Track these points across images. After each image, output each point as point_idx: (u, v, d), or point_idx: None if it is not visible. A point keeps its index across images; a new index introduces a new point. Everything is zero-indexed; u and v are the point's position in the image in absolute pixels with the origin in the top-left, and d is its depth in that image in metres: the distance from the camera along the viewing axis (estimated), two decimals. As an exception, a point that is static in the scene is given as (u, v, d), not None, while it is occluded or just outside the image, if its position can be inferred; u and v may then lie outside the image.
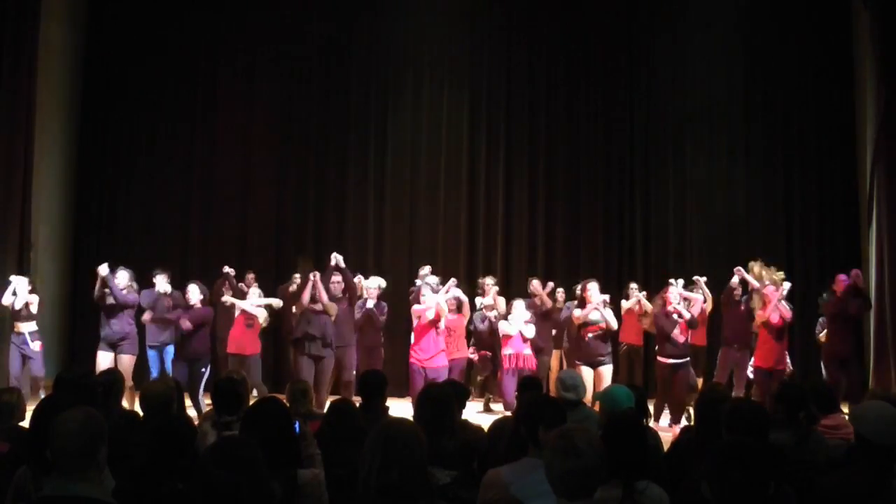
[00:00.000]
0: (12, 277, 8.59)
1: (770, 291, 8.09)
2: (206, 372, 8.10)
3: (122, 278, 8.29)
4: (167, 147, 11.28)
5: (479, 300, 9.21)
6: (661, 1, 11.31)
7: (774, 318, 8.02)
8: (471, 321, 8.89)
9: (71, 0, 11.07)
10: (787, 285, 8.28)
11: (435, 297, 8.07)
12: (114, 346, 8.21)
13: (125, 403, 6.14)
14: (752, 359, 8.41)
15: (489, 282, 9.21)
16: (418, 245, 11.08)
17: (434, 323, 7.97)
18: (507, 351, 8.24)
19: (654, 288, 9.17)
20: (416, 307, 8.18)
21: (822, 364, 8.61)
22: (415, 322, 8.18)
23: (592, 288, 8.11)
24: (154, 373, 8.35)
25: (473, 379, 9.47)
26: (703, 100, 11.08)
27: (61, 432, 2.48)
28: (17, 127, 9.43)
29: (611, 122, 11.16)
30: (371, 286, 8.89)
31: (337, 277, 8.28)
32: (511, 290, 9.88)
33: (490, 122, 11.29)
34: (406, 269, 10.69)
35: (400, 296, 9.68)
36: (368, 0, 11.32)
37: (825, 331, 8.64)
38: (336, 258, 8.36)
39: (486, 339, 8.90)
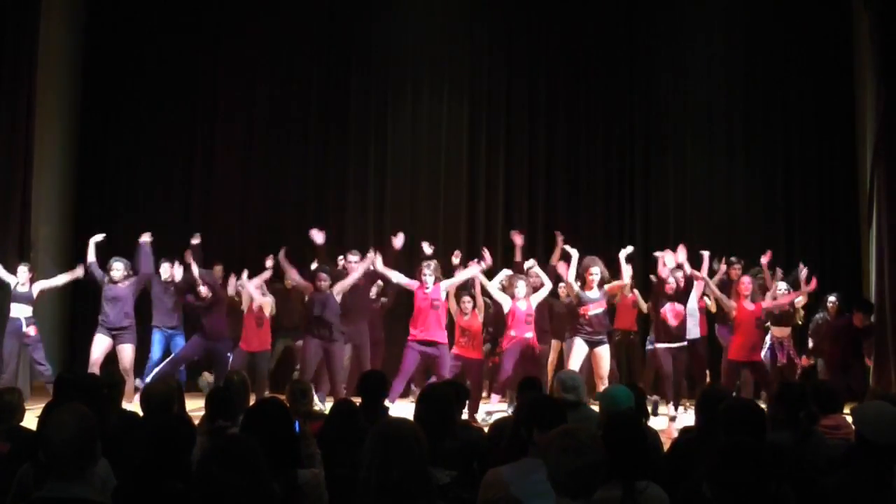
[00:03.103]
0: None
1: (745, 285, 8.03)
2: (232, 357, 8.18)
3: (118, 271, 8.37)
4: (168, 147, 11.25)
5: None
6: (661, 1, 11.32)
7: (749, 307, 7.92)
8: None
9: (71, 0, 11.07)
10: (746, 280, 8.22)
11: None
12: (112, 334, 8.30)
13: (126, 400, 6.14)
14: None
15: (528, 265, 9.07)
16: (418, 247, 11.04)
17: (432, 303, 7.96)
18: (512, 333, 8.15)
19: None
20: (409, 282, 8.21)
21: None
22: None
23: (595, 273, 8.09)
24: (157, 354, 8.31)
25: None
26: (704, 100, 11.05)
27: (55, 440, 2.47)
28: (17, 127, 9.40)
29: (611, 123, 11.13)
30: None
31: (354, 257, 8.73)
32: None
33: (490, 122, 11.24)
34: (406, 269, 10.65)
35: (399, 294, 9.65)
36: (368, 3, 11.32)
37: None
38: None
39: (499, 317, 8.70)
